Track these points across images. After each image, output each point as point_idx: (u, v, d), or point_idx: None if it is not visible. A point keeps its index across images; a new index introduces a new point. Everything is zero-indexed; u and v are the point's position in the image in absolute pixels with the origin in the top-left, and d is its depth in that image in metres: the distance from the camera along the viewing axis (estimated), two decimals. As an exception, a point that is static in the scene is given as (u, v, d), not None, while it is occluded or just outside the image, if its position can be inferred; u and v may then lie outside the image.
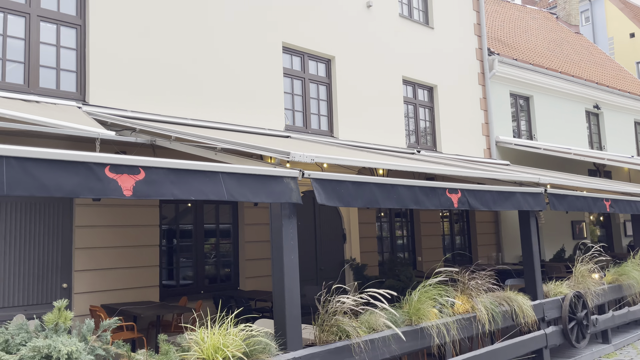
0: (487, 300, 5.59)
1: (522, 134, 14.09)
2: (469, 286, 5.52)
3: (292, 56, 9.24)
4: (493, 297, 5.72)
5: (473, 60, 12.76)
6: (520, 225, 6.80)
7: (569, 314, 6.57)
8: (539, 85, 14.24)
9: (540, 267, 6.62)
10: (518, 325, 5.95)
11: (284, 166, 4.50)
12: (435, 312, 5.13)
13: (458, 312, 5.39)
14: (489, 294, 5.75)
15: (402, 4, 11.38)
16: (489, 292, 5.77)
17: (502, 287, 6.57)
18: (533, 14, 20.63)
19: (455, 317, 5.27)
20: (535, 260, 6.51)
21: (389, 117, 10.55)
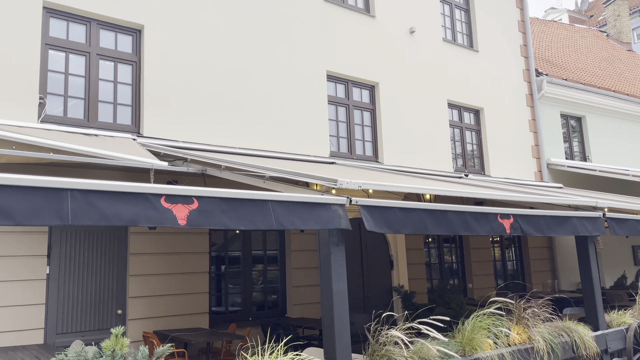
0: (545, 330, 5.34)
1: (574, 156, 13.61)
2: (525, 315, 5.29)
3: (336, 84, 9.35)
4: (551, 327, 5.46)
5: (520, 82, 12.52)
6: (578, 251, 6.50)
7: (633, 345, 6.18)
8: (591, 105, 13.78)
9: (601, 296, 6.29)
10: (579, 357, 5.64)
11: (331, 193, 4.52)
12: (490, 342, 4.94)
13: (514, 343, 5.17)
14: (546, 324, 5.50)
15: (445, 29, 11.36)
16: (547, 322, 5.51)
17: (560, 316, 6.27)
18: (582, 32, 20.12)
19: (511, 348, 5.05)
20: (595, 288, 6.19)
21: (434, 141, 10.44)
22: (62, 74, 6.52)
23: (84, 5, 6.64)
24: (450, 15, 11.53)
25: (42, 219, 2.45)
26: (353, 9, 9.57)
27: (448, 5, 11.55)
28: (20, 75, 6.06)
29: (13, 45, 6.07)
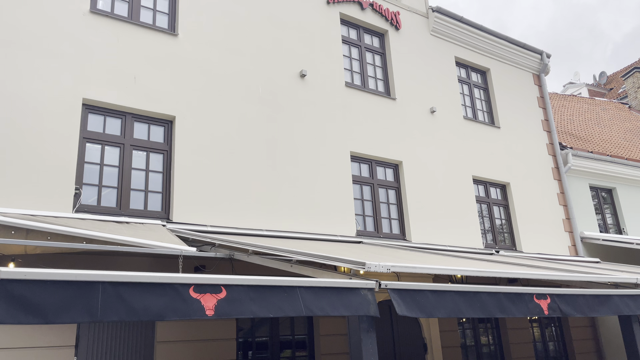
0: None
1: (609, 228, 13.21)
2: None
3: (360, 163, 9.51)
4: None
5: (545, 156, 12.51)
6: (623, 332, 6.13)
7: None
8: (621, 177, 13.57)
9: (654, 382, 5.83)
10: None
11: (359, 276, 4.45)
12: None
13: None
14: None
15: (465, 107, 11.62)
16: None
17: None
18: (603, 105, 20.27)
19: None
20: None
21: (461, 217, 10.33)
22: (98, 165, 6.82)
23: (120, 101, 7.08)
24: (469, 94, 11.83)
25: (72, 316, 2.47)
26: (374, 92, 9.93)
27: (467, 85, 11.88)
28: (58, 168, 6.36)
29: (54, 140, 6.44)
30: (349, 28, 10.25)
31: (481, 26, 11.84)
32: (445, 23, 11.38)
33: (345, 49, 10.04)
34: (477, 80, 12.16)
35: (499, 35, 12.20)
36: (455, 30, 11.58)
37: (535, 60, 13.10)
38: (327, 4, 9.80)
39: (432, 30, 11.27)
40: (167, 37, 7.78)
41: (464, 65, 11.98)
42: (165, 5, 8.10)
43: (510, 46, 12.51)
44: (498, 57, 12.45)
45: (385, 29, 10.54)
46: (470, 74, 12.06)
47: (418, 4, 11.28)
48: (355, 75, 10.01)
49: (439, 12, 11.20)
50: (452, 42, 11.62)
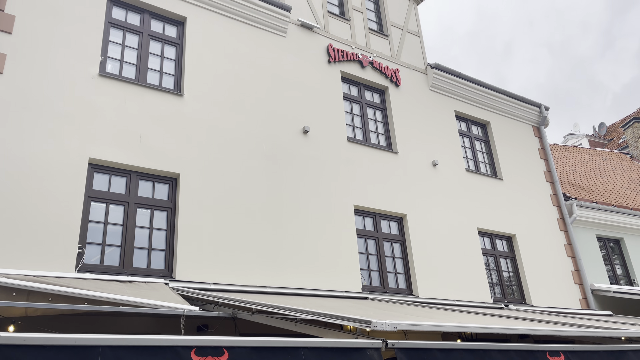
0: None
1: (619, 280, 12.96)
2: None
3: (364, 217, 9.49)
4: None
5: (550, 207, 12.47)
6: (642, 390, 5.87)
7: None
8: (628, 227, 13.44)
9: None
10: None
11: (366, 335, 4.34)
12: None
13: None
14: None
15: (467, 160, 11.71)
16: None
17: None
18: (604, 155, 20.39)
19: None
20: None
21: (468, 270, 10.18)
22: (102, 224, 6.84)
23: (126, 159, 7.18)
24: (470, 147, 11.96)
25: (71, 383, 2.41)
26: (376, 147, 10.06)
27: (468, 138, 12.03)
28: (62, 227, 6.38)
29: (58, 199, 6.49)
30: (350, 85, 10.52)
31: (479, 81, 12.14)
32: (443, 79, 11.68)
33: (347, 105, 10.26)
34: (477, 133, 12.33)
35: (497, 90, 12.48)
36: (454, 86, 11.87)
37: (535, 112, 13.32)
38: (329, 63, 10.12)
39: (432, 85, 11.54)
40: (172, 97, 7.99)
41: (464, 118, 12.19)
42: (171, 67, 8.38)
43: (509, 100, 12.77)
44: (497, 110, 12.67)
45: (385, 86, 10.82)
46: (470, 127, 12.24)
47: (417, 61, 11.62)
48: (357, 130, 10.17)
49: (437, 68, 11.52)
50: (451, 96, 11.88)
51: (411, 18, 12.18)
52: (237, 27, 9.23)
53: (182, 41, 8.60)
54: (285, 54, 9.61)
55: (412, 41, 11.83)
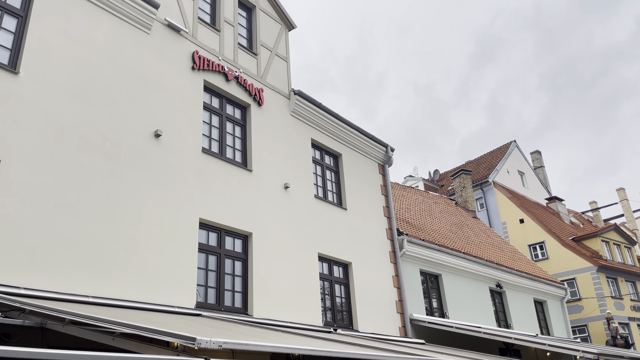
0: None
1: (434, 312, 14.39)
2: None
3: (209, 232, 9.27)
4: None
5: (384, 240, 13.46)
6: (439, 413, 6.53)
7: None
8: (446, 265, 15.06)
9: None
10: None
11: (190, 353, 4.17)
12: None
13: None
14: None
15: (317, 187, 12.17)
16: None
17: None
18: (435, 199, 22.75)
19: None
20: None
21: (305, 293, 10.47)
22: None
23: None
24: (322, 175, 12.47)
25: None
26: (231, 162, 9.96)
27: (320, 166, 12.54)
28: None
29: None
30: (212, 96, 10.34)
31: (337, 114, 12.79)
32: (304, 106, 12.08)
33: (206, 116, 10.04)
34: (329, 163, 12.92)
35: (351, 125, 13.26)
36: (313, 114, 12.34)
37: (381, 151, 14.41)
38: (192, 70, 9.84)
39: (293, 111, 11.86)
40: (4, 74, 7.06)
41: (319, 147, 12.70)
42: (9, 39, 7.41)
43: (360, 136, 13.64)
44: (349, 144, 13.45)
45: (248, 103, 10.83)
46: (324, 157, 12.79)
47: (281, 85, 11.88)
48: (214, 142, 9.99)
49: (300, 95, 11.90)
50: (310, 124, 12.32)
51: (281, 42, 12.47)
52: (97, 12, 8.54)
53: (26, 13, 7.68)
54: (147, 52, 9.13)
55: (280, 65, 12.09)
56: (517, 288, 18.05)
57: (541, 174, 36.61)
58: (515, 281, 17.81)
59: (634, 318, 25.60)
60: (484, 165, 32.25)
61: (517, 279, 17.91)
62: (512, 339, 13.12)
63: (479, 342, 14.79)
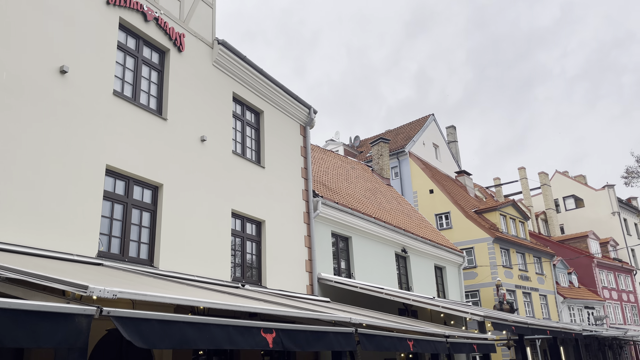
0: None
1: (342, 272, 14.92)
2: None
3: (116, 179, 8.85)
4: None
5: (299, 200, 13.61)
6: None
7: None
8: (356, 228, 15.57)
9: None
10: None
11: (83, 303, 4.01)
12: None
13: None
14: None
15: (236, 142, 11.96)
16: None
17: None
18: (353, 164, 23.25)
19: None
20: (346, 403, 6.50)
21: (216, 248, 10.41)
22: None
23: None
24: (241, 131, 12.25)
25: None
26: (144, 108, 9.48)
27: (240, 122, 12.29)
28: None
29: None
30: (128, 36, 9.68)
31: (261, 70, 12.51)
32: (228, 58, 11.68)
33: (120, 56, 9.42)
34: (250, 119, 12.70)
35: (275, 82, 13.06)
36: (236, 67, 11.98)
37: (304, 113, 14.38)
38: (107, 4, 9.11)
39: (215, 61, 11.44)
40: None
41: (241, 102, 12.42)
42: None
43: (284, 95, 13.49)
44: (272, 102, 13.27)
45: (167, 47, 10.28)
46: (245, 112, 12.54)
47: (205, 32, 11.36)
48: (127, 86, 9.43)
49: (223, 45, 11.47)
50: (232, 77, 11.96)
51: (209, -13, 11.86)
52: None
53: None
54: (57, -22, 8.30)
55: (204, 10, 11.52)
56: (421, 254, 19.14)
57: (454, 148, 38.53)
58: (419, 247, 18.86)
59: (520, 286, 28.18)
60: (402, 135, 33.32)
61: (421, 245, 18.96)
62: (410, 300, 13.98)
63: (381, 303, 15.60)
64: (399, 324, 8.89)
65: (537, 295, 29.64)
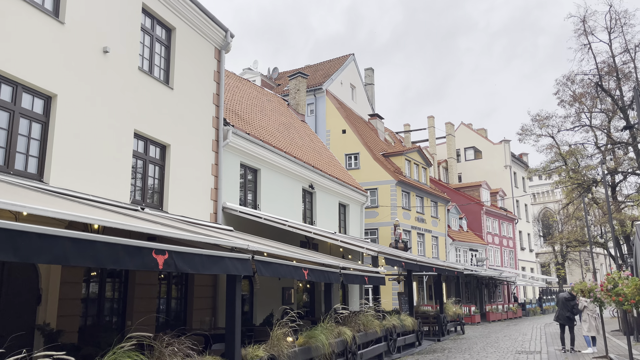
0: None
1: (248, 203, 15.00)
2: (166, 353, 5.32)
3: (1, 84, 8.02)
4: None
5: (209, 127, 13.25)
6: (227, 289, 7.02)
7: (261, 376, 6.93)
8: (266, 161, 15.58)
9: (240, 331, 6.87)
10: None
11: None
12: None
13: (150, 381, 5.11)
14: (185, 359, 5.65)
15: (143, 58, 11.22)
16: (187, 358, 5.67)
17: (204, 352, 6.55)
18: (269, 97, 22.90)
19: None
20: (236, 324, 6.75)
21: (114, 169, 9.95)
22: None
23: None
24: (150, 47, 11.48)
25: None
26: (38, 7, 8.53)
27: (149, 37, 11.49)
28: None
29: None
30: None
31: (176, -18, 11.63)
32: (140, -36, 10.69)
33: (10, -57, 8.27)
34: (161, 35, 11.91)
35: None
36: (149, -24, 11.03)
37: (220, 35, 13.73)
38: None
39: (124, -34, 10.43)
40: None
41: (151, 15, 11.56)
42: None
43: (199, 13, 12.72)
44: (186, 19, 12.49)
45: (68, -59, 9.17)
46: (155, 27, 11.72)
47: None
48: (17, -21, 8.37)
49: (135, -51, 10.44)
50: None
51: None
52: None
53: None
54: None
55: None
56: (327, 190, 19.69)
57: (370, 90, 39.14)
58: (326, 184, 19.36)
59: (415, 227, 30.18)
60: (321, 72, 33.14)
61: (328, 182, 19.47)
62: (312, 233, 14.48)
63: (284, 235, 16.00)
64: (296, 253, 9.20)
65: (430, 236, 31.98)
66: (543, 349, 14.99)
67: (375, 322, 12.58)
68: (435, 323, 19.35)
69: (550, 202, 63.22)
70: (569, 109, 26.04)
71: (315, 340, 8.71)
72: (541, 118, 27.02)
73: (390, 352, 13.76)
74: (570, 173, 26.27)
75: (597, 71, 24.26)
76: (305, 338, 8.64)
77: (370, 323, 12.24)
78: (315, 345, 8.69)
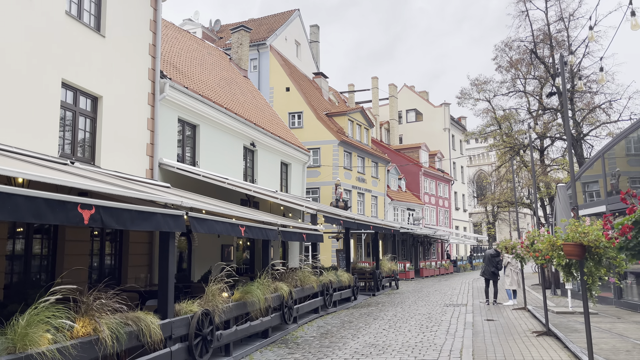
0: (114, 321, 5.43)
1: (186, 160, 14.69)
2: (94, 307, 5.25)
3: None
4: (120, 317, 5.59)
5: (145, 80, 12.70)
6: (160, 245, 6.95)
7: (195, 331, 7.00)
8: (205, 116, 15.21)
9: (173, 287, 6.86)
10: (145, 344, 5.97)
11: None
12: (49, 337, 4.66)
13: (78, 335, 5.04)
14: (117, 314, 5.60)
15: (70, 2, 10.48)
16: (117, 313, 5.62)
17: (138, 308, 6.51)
18: (210, 50, 22.14)
19: (74, 340, 4.91)
20: (169, 280, 6.73)
21: (40, 120, 9.40)
22: None
23: None
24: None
25: None
26: (-54, -62, 7.71)
27: (77, -21, 10.71)
28: None
29: None
30: None
31: None
32: None
33: None
34: (90, -22, 11.12)
35: (124, -60, 11.44)
36: None
37: (157, -18, 12.99)
38: None
39: None
40: None
41: (79, -45, 10.73)
42: None
43: (134, -43, 11.94)
44: (119, -37, 11.70)
45: None
46: (84, -32, 10.91)
47: None
48: None
49: None
50: None
51: None
52: None
53: None
54: None
55: None
56: (269, 149, 19.57)
57: (315, 48, 38.66)
58: (268, 142, 19.22)
59: (356, 187, 30.76)
60: (265, 27, 32.30)
61: (270, 140, 19.33)
62: (252, 191, 14.46)
63: (224, 192, 15.86)
64: (234, 211, 9.19)
65: (370, 196, 32.75)
66: (469, 302, 16.02)
67: (312, 278, 12.91)
68: (371, 279, 20.10)
69: (484, 165, 66.11)
70: (505, 74, 26.96)
71: (251, 296, 8.84)
72: (479, 82, 27.84)
73: (326, 306, 14.23)
74: (503, 137, 27.45)
75: (532, 38, 25.11)
76: (241, 293, 8.76)
77: (307, 279, 12.54)
78: (250, 300, 8.83)
